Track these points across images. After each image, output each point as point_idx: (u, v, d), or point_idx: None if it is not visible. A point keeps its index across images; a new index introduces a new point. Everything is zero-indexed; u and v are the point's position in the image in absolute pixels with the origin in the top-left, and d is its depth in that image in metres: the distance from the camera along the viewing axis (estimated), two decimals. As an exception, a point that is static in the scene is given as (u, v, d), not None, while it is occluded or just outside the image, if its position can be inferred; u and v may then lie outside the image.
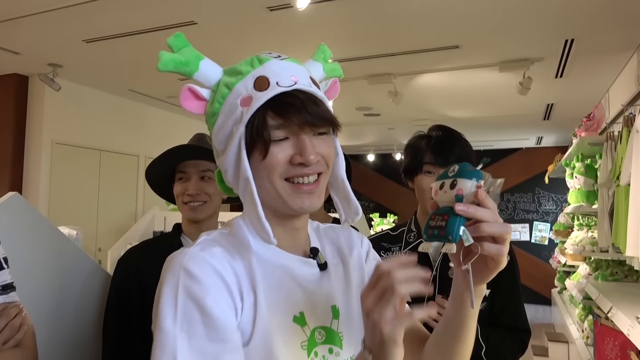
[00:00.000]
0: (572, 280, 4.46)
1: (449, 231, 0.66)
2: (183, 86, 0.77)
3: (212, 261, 0.71)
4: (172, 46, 0.76)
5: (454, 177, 0.69)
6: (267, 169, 0.74)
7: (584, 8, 3.13)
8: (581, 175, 3.79)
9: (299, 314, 0.77)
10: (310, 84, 0.76)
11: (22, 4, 3.18)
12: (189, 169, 1.54)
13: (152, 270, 1.46)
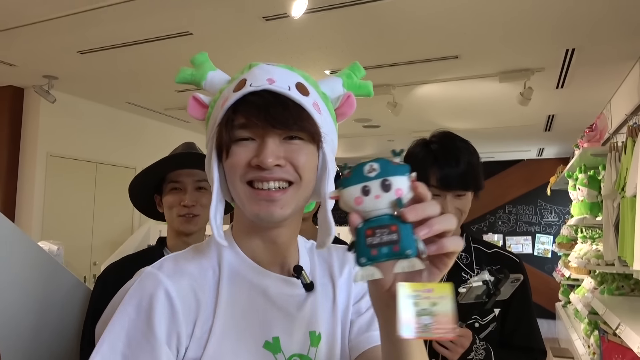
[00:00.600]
0: (577, 294, 4.36)
1: (406, 245, 0.53)
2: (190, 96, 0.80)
3: (168, 284, 0.70)
4: (193, 62, 0.81)
5: (381, 176, 0.55)
6: (229, 169, 0.72)
7: (585, 17, 3.09)
8: (584, 186, 3.72)
9: (272, 339, 0.72)
10: (288, 88, 0.71)
11: (17, 15, 3.15)
12: (184, 179, 1.47)
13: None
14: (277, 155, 0.69)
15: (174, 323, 0.68)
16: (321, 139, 0.73)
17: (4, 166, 4.72)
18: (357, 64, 0.85)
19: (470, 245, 1.47)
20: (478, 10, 3.03)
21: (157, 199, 1.54)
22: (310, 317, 0.76)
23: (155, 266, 0.74)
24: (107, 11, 3.06)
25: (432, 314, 0.53)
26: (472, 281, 1.26)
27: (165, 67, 4.17)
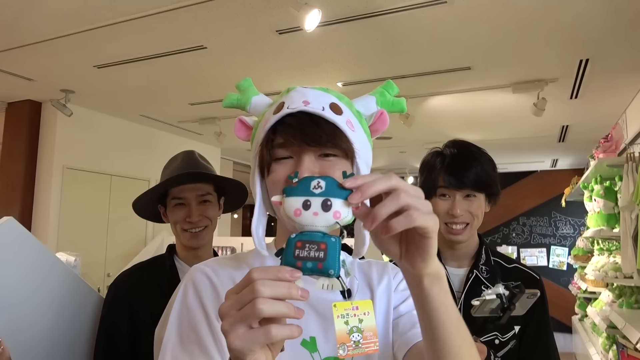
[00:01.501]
0: (595, 308, 4.28)
1: (330, 264, 0.54)
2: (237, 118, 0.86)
3: (211, 274, 0.79)
4: (238, 87, 0.86)
5: (324, 195, 0.56)
6: (270, 185, 0.77)
7: (599, 28, 3.07)
8: (600, 198, 3.67)
9: (309, 338, 0.77)
10: (322, 108, 0.75)
11: (35, 32, 3.22)
12: (187, 194, 1.48)
13: (142, 301, 1.38)
14: (312, 170, 0.73)
15: (218, 301, 0.75)
16: (354, 155, 0.77)
17: (22, 178, 4.79)
18: (391, 82, 0.88)
19: (490, 259, 1.44)
20: (491, 21, 3.04)
21: (161, 210, 1.56)
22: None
23: (199, 263, 0.84)
24: (123, 27, 3.11)
25: (359, 330, 0.57)
26: (486, 294, 1.24)
27: (179, 81, 4.23)
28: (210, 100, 4.75)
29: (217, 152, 7.09)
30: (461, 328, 0.66)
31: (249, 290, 0.52)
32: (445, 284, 0.64)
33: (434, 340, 0.65)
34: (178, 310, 0.77)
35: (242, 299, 0.52)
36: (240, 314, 0.52)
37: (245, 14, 2.95)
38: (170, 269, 1.47)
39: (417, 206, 0.57)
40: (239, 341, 0.52)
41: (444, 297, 0.64)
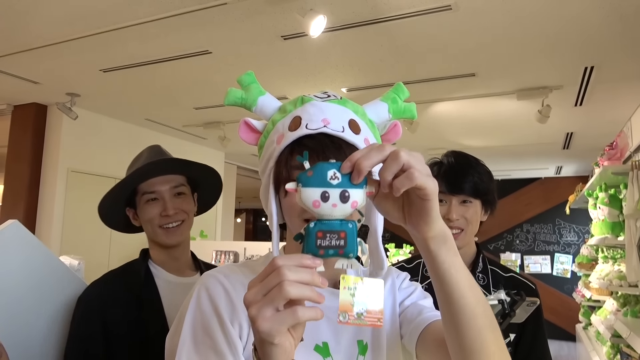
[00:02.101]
0: (599, 316, 4.25)
1: (349, 250, 0.59)
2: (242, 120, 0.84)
3: (224, 281, 0.78)
4: (240, 82, 0.82)
5: (342, 187, 0.58)
6: (288, 207, 0.77)
7: (604, 35, 3.07)
8: (605, 205, 3.65)
9: (322, 343, 0.78)
10: (342, 129, 0.74)
11: (42, 36, 3.24)
12: (159, 187, 1.36)
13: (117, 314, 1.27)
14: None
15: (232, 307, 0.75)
16: (371, 175, 0.76)
17: (26, 181, 4.81)
18: (401, 85, 0.86)
19: (487, 267, 1.46)
20: (495, 28, 3.04)
21: (130, 213, 1.42)
22: (357, 327, 0.79)
23: (212, 269, 0.84)
24: (129, 31, 3.13)
25: (365, 305, 0.59)
26: (488, 299, 1.24)
27: (184, 85, 4.25)
28: (214, 105, 4.77)
29: (221, 156, 7.10)
30: (474, 288, 0.66)
31: (275, 274, 0.55)
32: (452, 246, 0.64)
33: (449, 302, 0.65)
34: (192, 316, 0.76)
35: (268, 284, 0.55)
36: (267, 298, 0.55)
37: (251, 19, 2.97)
38: (145, 276, 1.35)
39: (416, 166, 0.58)
40: (267, 323, 0.54)
41: (453, 258, 0.64)
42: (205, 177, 1.49)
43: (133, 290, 1.31)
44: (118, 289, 1.31)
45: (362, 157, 0.58)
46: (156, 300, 1.31)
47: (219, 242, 5.64)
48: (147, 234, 1.40)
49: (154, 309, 1.30)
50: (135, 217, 1.42)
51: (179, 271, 1.42)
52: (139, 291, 1.31)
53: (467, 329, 0.65)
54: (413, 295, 0.91)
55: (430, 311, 0.86)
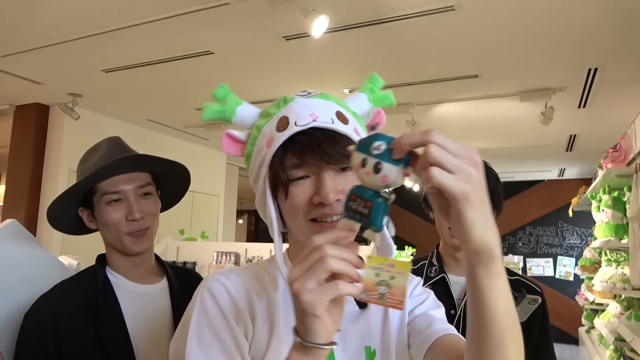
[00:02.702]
0: (602, 319, 4.22)
1: (373, 221, 0.60)
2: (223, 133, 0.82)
3: (226, 283, 0.77)
4: (215, 96, 0.81)
5: (378, 158, 0.58)
6: (289, 209, 0.75)
7: (608, 36, 3.05)
8: (609, 208, 3.63)
9: None
10: (332, 121, 0.74)
11: (44, 35, 3.24)
12: (124, 187, 1.18)
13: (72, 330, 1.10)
14: (336, 190, 0.72)
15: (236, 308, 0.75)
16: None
17: (28, 181, 4.81)
18: (375, 75, 0.88)
19: None
20: (499, 29, 3.02)
21: (84, 214, 1.25)
22: (364, 332, 0.79)
23: (214, 272, 0.82)
24: (131, 31, 3.13)
25: (388, 285, 0.59)
26: None
27: (186, 86, 4.24)
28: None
29: (223, 157, 7.10)
30: (509, 316, 0.60)
31: (317, 251, 0.58)
32: (495, 267, 0.57)
33: (479, 323, 0.60)
34: (197, 318, 0.74)
35: (311, 260, 0.58)
36: (310, 271, 0.57)
37: (252, 19, 2.96)
38: (104, 286, 1.18)
39: (442, 163, 0.52)
40: (310, 294, 0.56)
41: (489, 279, 0.57)
42: (172, 173, 1.34)
43: (89, 303, 1.14)
44: (72, 303, 1.13)
45: (405, 135, 0.56)
46: (116, 313, 1.15)
47: (220, 243, 5.63)
48: (107, 239, 1.22)
49: (114, 323, 1.14)
50: (91, 219, 1.24)
51: (142, 278, 1.26)
52: (95, 303, 1.14)
53: (492, 356, 0.60)
54: (424, 304, 0.88)
55: (440, 323, 0.82)
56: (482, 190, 0.54)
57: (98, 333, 1.10)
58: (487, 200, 0.55)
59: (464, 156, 0.53)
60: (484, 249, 0.55)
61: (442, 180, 0.52)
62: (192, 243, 4.25)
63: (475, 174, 0.53)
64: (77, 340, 1.09)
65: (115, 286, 1.20)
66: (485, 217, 0.54)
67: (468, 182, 0.52)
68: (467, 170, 0.53)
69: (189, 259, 3.92)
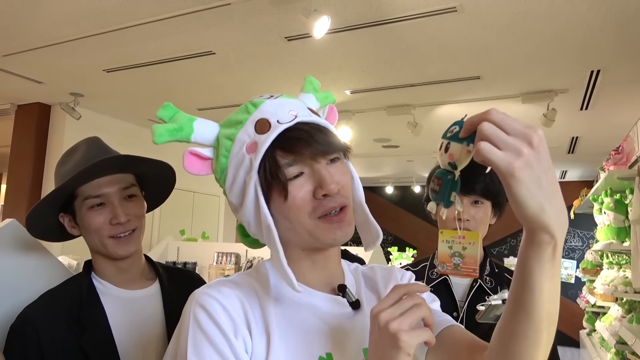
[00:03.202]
0: (603, 322, 4.21)
1: (442, 198, 0.66)
2: (184, 152, 0.76)
3: (218, 297, 0.72)
4: (163, 117, 0.76)
5: (449, 139, 0.63)
6: (291, 210, 0.72)
7: (610, 38, 3.04)
8: (610, 210, 3.61)
9: (325, 354, 0.74)
10: (310, 114, 0.75)
11: (45, 35, 3.24)
12: (107, 189, 1.12)
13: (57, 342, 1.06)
14: (336, 180, 0.72)
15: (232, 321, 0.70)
16: (350, 151, 0.78)
17: (29, 181, 4.81)
18: (310, 78, 0.88)
19: (494, 270, 1.45)
20: (501, 31, 3.02)
21: (65, 219, 1.18)
22: (361, 334, 0.77)
23: (203, 287, 0.76)
24: (132, 31, 3.12)
25: (461, 256, 0.65)
26: (492, 299, 1.23)
27: (187, 86, 4.24)
28: (218, 106, 4.75)
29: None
30: (552, 303, 0.60)
31: (410, 298, 0.63)
32: (548, 250, 0.57)
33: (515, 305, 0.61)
34: (193, 338, 0.69)
35: (405, 305, 0.62)
36: (407, 314, 0.61)
37: (255, 20, 2.95)
38: (88, 293, 1.13)
39: (491, 138, 0.54)
40: (408, 336, 0.60)
41: (538, 262, 0.57)
42: (157, 173, 1.26)
43: (73, 313, 1.09)
44: (57, 312, 1.08)
45: (472, 116, 0.58)
46: (101, 323, 1.10)
47: (220, 243, 5.62)
48: (91, 244, 1.16)
49: (99, 333, 1.09)
50: (72, 225, 1.18)
51: (130, 283, 1.20)
52: (79, 312, 1.09)
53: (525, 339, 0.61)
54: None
55: (441, 316, 0.82)
56: (537, 168, 0.54)
57: (81, 344, 1.05)
58: (549, 180, 0.55)
59: (518, 134, 0.54)
60: (538, 228, 0.56)
61: (488, 154, 0.54)
62: (193, 244, 4.25)
63: (527, 152, 0.53)
64: (61, 353, 1.05)
65: (101, 293, 1.15)
66: (542, 197, 0.54)
67: (516, 159, 0.53)
68: (516, 147, 0.53)
69: (190, 259, 3.91)
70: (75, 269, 1.47)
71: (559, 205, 0.56)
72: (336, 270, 0.83)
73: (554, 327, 0.63)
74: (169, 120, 0.76)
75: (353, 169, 0.81)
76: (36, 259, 1.33)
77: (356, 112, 4.79)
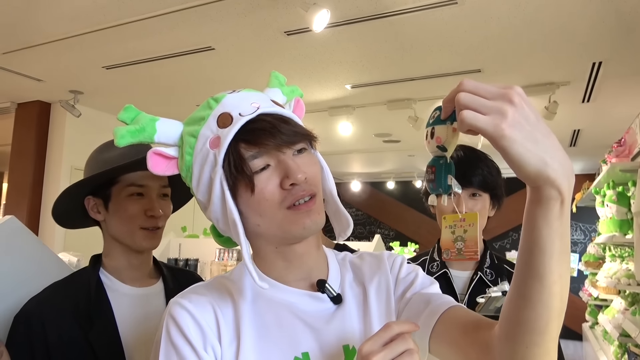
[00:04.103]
0: (606, 315, 4.21)
1: (438, 185, 0.65)
2: (148, 153, 0.74)
3: (189, 307, 0.71)
4: (124, 119, 0.75)
5: (433, 124, 0.62)
6: (260, 203, 0.70)
7: (612, 30, 3.02)
8: (613, 203, 3.60)
9: (301, 354, 0.72)
10: (272, 105, 0.75)
11: (44, 32, 3.23)
12: (150, 182, 1.17)
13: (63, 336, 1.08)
14: (303, 170, 0.70)
15: (201, 331, 0.70)
16: (316, 141, 0.77)
17: (30, 179, 4.81)
18: (275, 73, 0.88)
19: (494, 262, 1.45)
20: (502, 23, 2.99)
21: (90, 202, 1.20)
22: (341, 331, 0.75)
23: (178, 295, 0.76)
24: (131, 27, 3.11)
25: (463, 239, 0.66)
26: (491, 291, 1.23)
27: (187, 82, 4.22)
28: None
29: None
30: (563, 264, 0.58)
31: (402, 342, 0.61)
32: (556, 205, 0.55)
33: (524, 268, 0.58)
34: (165, 352, 0.70)
35: (397, 349, 0.60)
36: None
37: (253, 14, 2.94)
38: (96, 288, 1.15)
39: (471, 105, 0.53)
40: None
41: (546, 219, 0.55)
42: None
43: (80, 306, 1.11)
44: (63, 305, 1.11)
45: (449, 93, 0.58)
46: (108, 318, 1.12)
47: (222, 240, 5.63)
48: (116, 232, 1.18)
49: (105, 327, 1.11)
50: (97, 210, 1.20)
51: (137, 281, 1.23)
52: (87, 307, 1.11)
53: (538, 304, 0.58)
54: (415, 284, 0.83)
55: (441, 298, 0.79)
56: (527, 124, 0.53)
57: (88, 338, 1.07)
58: (543, 133, 0.54)
59: (497, 96, 0.53)
60: (544, 184, 0.54)
61: (472, 121, 0.53)
62: (195, 240, 4.24)
63: (511, 111, 0.52)
64: (67, 345, 1.07)
65: (108, 289, 1.17)
66: (541, 150, 0.52)
67: (502, 119, 0.52)
68: (499, 108, 0.52)
69: (191, 256, 3.91)
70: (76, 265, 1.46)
71: (562, 156, 0.54)
72: (315, 264, 0.80)
73: (566, 291, 0.60)
74: (131, 122, 0.74)
75: (322, 160, 0.79)
76: (36, 255, 1.32)
77: (357, 107, 4.78)
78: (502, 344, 0.63)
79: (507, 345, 0.62)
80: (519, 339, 0.61)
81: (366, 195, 9.74)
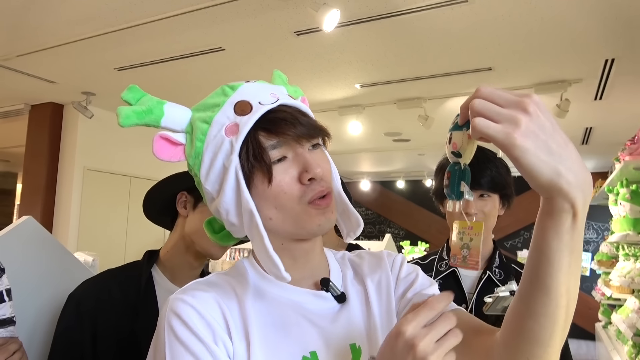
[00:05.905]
0: (620, 315, 4.16)
1: (451, 190, 0.65)
2: (154, 137, 0.70)
3: (193, 302, 0.67)
4: (128, 100, 0.71)
5: (451, 130, 0.63)
6: (278, 195, 0.68)
7: (625, 26, 2.99)
8: (626, 201, 3.56)
9: (309, 354, 0.70)
10: (289, 98, 0.73)
11: (57, 35, 3.27)
12: None
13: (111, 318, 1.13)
14: (319, 165, 0.69)
15: (209, 326, 0.66)
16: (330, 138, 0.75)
17: (43, 179, 4.87)
18: (277, 71, 0.86)
19: (503, 262, 1.45)
20: (513, 21, 2.98)
21: (182, 197, 1.22)
22: (347, 329, 0.74)
23: (177, 292, 0.72)
24: (142, 29, 3.14)
25: (468, 247, 0.65)
26: (499, 291, 1.23)
27: (197, 83, 4.25)
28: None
29: (235, 154, 7.12)
30: (572, 278, 0.56)
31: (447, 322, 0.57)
32: (568, 218, 0.53)
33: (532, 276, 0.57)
34: (171, 349, 0.65)
35: (441, 330, 0.56)
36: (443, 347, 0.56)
37: (263, 15, 2.95)
38: (146, 284, 1.19)
39: (484, 113, 0.53)
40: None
41: (556, 232, 0.54)
42: None
43: (129, 298, 1.16)
44: (114, 292, 1.17)
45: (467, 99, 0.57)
46: (153, 313, 1.15)
47: (233, 239, 5.66)
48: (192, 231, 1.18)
49: (149, 320, 1.12)
50: (184, 205, 1.21)
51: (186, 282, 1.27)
52: (136, 300, 1.16)
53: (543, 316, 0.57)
54: (416, 284, 0.81)
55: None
56: (541, 134, 0.51)
57: (134, 328, 1.12)
58: (559, 143, 0.52)
59: (512, 104, 0.52)
60: (557, 195, 0.53)
61: (483, 129, 0.52)
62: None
63: (525, 120, 0.51)
64: (113, 330, 1.12)
65: (156, 285, 1.20)
66: (555, 161, 0.51)
67: (515, 128, 0.51)
68: (512, 116, 0.51)
69: (203, 255, 3.94)
70: (91, 264, 1.49)
71: (578, 168, 0.52)
72: (319, 263, 0.79)
73: (573, 305, 0.59)
74: (136, 103, 0.71)
75: (330, 158, 0.77)
76: (52, 254, 1.35)
77: (366, 106, 4.77)
78: (503, 352, 0.63)
79: (508, 354, 0.62)
80: (520, 349, 0.60)
81: (376, 195, 9.73)
